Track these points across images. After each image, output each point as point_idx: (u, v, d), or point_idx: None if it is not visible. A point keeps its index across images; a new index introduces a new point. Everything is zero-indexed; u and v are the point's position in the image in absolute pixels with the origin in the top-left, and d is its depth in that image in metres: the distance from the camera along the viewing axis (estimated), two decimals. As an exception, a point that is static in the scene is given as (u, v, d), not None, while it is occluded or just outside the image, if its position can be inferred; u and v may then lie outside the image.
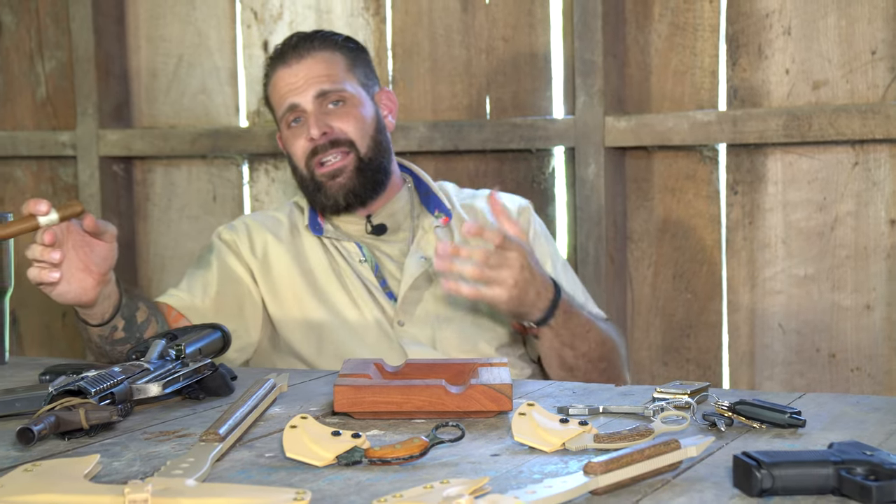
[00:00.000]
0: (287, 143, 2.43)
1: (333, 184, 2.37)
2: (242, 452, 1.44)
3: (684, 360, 2.84)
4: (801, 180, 2.70)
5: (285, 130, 2.43)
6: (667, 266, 2.85)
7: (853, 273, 2.66)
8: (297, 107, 2.38)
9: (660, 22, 2.81)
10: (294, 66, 2.40)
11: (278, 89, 2.42)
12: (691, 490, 1.24)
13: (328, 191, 2.37)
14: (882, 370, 2.64)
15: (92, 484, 1.25)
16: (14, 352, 3.28)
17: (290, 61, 2.41)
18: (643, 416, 1.61)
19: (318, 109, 2.37)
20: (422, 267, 2.37)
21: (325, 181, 2.37)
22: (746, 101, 2.73)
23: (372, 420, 1.61)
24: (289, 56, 2.41)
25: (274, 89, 2.43)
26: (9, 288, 2.19)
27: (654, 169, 2.84)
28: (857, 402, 1.67)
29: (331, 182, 2.37)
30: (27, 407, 1.64)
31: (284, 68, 2.41)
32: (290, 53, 2.41)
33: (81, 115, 3.36)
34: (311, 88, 2.38)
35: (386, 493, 1.22)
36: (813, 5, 2.66)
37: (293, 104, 2.38)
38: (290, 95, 2.39)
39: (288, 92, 2.39)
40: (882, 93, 2.61)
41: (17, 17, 3.54)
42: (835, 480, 1.20)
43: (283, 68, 2.41)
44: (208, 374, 1.77)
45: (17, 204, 3.56)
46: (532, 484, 1.22)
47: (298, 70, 2.39)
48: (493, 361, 1.78)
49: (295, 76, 2.39)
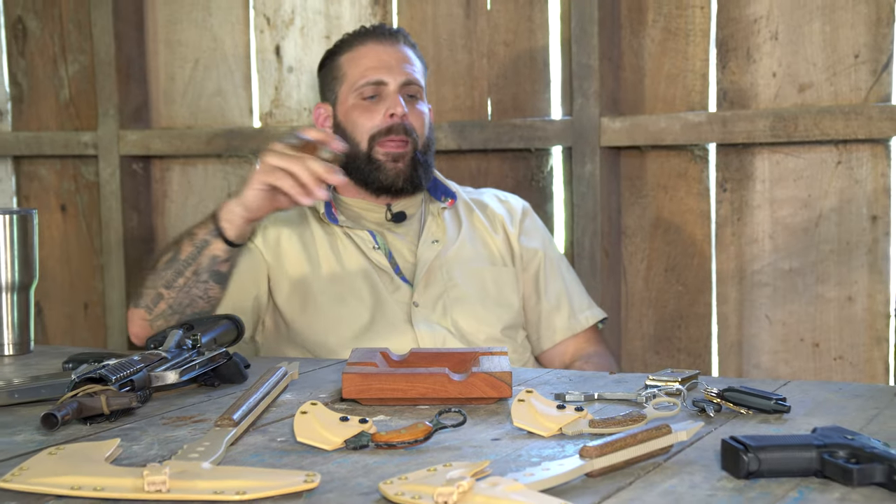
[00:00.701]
0: (353, 115, 2.39)
1: (394, 166, 2.37)
2: (255, 437, 1.45)
3: (675, 349, 2.84)
4: (787, 178, 2.69)
5: (354, 101, 2.40)
6: (659, 260, 2.84)
7: (836, 267, 2.66)
8: (383, 83, 2.37)
9: (653, 27, 2.80)
10: (388, 46, 2.40)
11: (366, 60, 2.39)
12: (682, 472, 1.24)
13: (388, 171, 2.37)
14: (863, 359, 2.64)
15: (112, 466, 1.25)
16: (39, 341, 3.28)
17: (384, 41, 2.40)
18: (636, 402, 1.61)
19: (401, 93, 2.38)
20: (434, 251, 2.37)
21: (384, 160, 2.36)
22: (735, 102, 2.73)
23: (378, 406, 1.61)
24: (384, 36, 2.41)
25: (361, 58, 2.40)
26: (34, 280, 2.19)
27: (647, 167, 2.84)
28: (839, 389, 1.67)
29: (391, 164, 2.36)
30: (51, 393, 1.64)
31: (377, 44, 2.40)
32: (386, 34, 2.42)
33: (103, 116, 3.36)
34: (402, 73, 2.38)
35: (392, 475, 1.22)
36: (799, 12, 2.66)
37: (381, 80, 2.37)
38: (381, 71, 2.37)
39: (379, 66, 2.38)
40: (864, 95, 2.60)
41: (42, 23, 3.54)
42: (818, 463, 1.20)
43: (376, 44, 2.40)
44: (223, 362, 1.77)
45: (42, 200, 3.57)
46: (530, 467, 1.22)
47: (392, 52, 2.39)
48: (493, 350, 1.78)
49: (389, 55, 2.39)
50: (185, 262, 2.09)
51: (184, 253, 2.09)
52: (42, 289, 3.53)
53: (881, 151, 2.60)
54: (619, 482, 1.21)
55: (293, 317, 2.34)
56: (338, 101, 2.42)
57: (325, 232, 2.40)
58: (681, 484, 1.20)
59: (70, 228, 3.56)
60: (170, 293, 2.11)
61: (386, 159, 2.36)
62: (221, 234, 2.06)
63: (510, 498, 1.10)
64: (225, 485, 1.16)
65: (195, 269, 2.08)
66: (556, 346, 2.45)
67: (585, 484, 1.20)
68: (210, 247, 2.06)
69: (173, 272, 2.10)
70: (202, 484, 1.17)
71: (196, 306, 2.12)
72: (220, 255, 2.07)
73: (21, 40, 3.58)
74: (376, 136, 2.36)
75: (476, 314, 2.34)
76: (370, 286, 2.33)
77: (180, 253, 2.09)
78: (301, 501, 1.15)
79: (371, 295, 2.32)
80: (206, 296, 2.11)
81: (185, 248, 2.09)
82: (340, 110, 2.42)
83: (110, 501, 1.16)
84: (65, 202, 3.56)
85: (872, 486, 1.17)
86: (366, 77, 2.37)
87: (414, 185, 2.39)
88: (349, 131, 2.39)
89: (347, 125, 2.39)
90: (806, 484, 1.19)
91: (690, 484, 1.20)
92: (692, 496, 1.16)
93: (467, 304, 2.34)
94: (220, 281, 2.11)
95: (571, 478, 1.19)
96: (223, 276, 2.11)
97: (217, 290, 2.12)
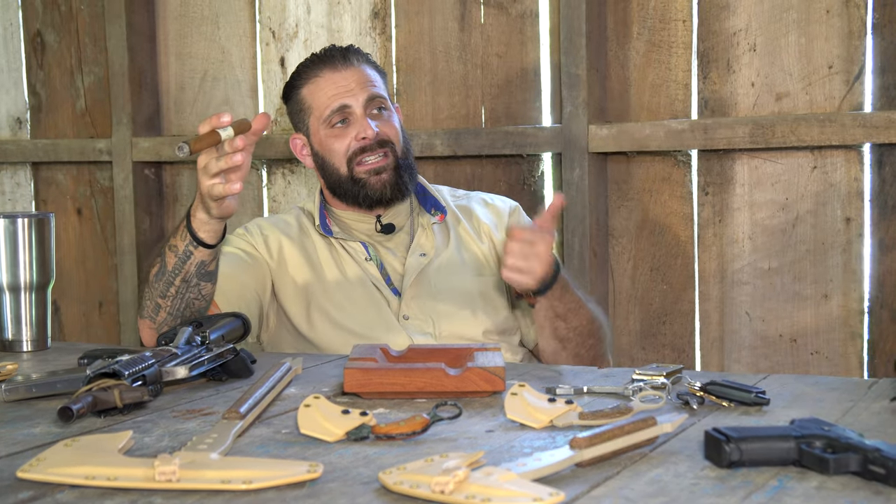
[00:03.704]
0: (327, 144, 2.36)
1: (378, 179, 2.33)
2: (261, 429, 1.44)
3: (660, 344, 2.84)
4: (766, 182, 2.69)
5: (325, 130, 2.35)
6: (645, 260, 2.84)
7: (812, 266, 2.65)
8: (347, 108, 2.32)
9: (638, 40, 2.80)
10: (343, 71, 2.34)
11: (325, 90, 2.34)
12: (667, 462, 1.24)
13: (373, 186, 2.33)
14: (838, 353, 2.64)
15: (125, 457, 1.24)
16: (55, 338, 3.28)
17: (338, 66, 2.35)
18: (623, 395, 1.60)
19: (367, 112, 2.34)
20: (421, 264, 2.35)
21: (367, 178, 2.33)
22: (716, 111, 2.73)
23: (378, 399, 1.61)
24: (337, 61, 2.35)
25: (319, 90, 2.35)
26: (51, 280, 2.18)
27: (633, 172, 2.83)
28: (815, 383, 1.67)
29: (374, 178, 2.32)
30: (67, 388, 1.64)
31: (333, 72, 2.35)
32: (339, 59, 2.36)
33: (117, 124, 3.35)
34: (363, 93, 2.33)
35: (391, 465, 1.22)
36: (776, 25, 2.65)
37: (344, 105, 2.32)
38: (342, 97, 2.33)
39: (339, 94, 2.33)
40: (838, 103, 2.60)
41: (59, 36, 3.53)
42: (796, 453, 1.20)
43: (332, 72, 2.35)
44: (230, 358, 1.77)
45: (59, 204, 3.56)
46: (523, 457, 1.22)
47: (348, 75, 2.34)
48: (487, 346, 1.77)
49: (345, 80, 2.33)
50: (173, 273, 2.06)
51: (170, 265, 2.06)
52: (59, 288, 3.53)
53: (854, 157, 2.60)
54: (608, 471, 1.20)
55: (298, 320, 2.33)
56: (310, 133, 2.39)
57: (324, 242, 2.39)
58: (666, 473, 1.19)
59: (85, 231, 3.55)
60: (166, 302, 2.09)
61: (368, 176, 2.33)
62: (202, 242, 2.05)
63: (504, 487, 1.10)
64: (232, 474, 1.16)
65: (184, 278, 2.06)
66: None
67: (575, 473, 1.20)
68: (194, 256, 2.04)
69: (164, 283, 2.08)
70: (211, 473, 1.16)
71: (194, 307, 2.11)
72: (206, 260, 2.05)
73: (40, 53, 3.57)
74: (353, 158, 2.33)
75: (463, 324, 2.32)
76: (368, 295, 2.32)
77: (166, 265, 2.07)
78: (305, 490, 1.15)
79: (370, 304, 2.31)
80: (201, 295, 2.10)
81: (169, 259, 2.06)
82: (315, 140, 2.39)
83: (123, 491, 1.15)
84: (80, 206, 3.55)
85: (848, 474, 1.16)
86: (329, 106, 2.33)
87: (402, 192, 2.37)
88: (327, 159, 2.37)
89: (324, 153, 2.37)
90: (785, 473, 1.18)
91: (675, 473, 1.19)
92: (677, 485, 1.15)
93: (454, 316, 2.32)
94: (210, 279, 2.09)
95: (562, 467, 1.19)
96: (212, 273, 2.09)
97: (209, 287, 2.10)
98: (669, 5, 2.76)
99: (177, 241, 2.05)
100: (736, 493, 1.12)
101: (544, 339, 2.24)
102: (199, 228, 2.02)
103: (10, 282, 2.13)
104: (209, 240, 2.04)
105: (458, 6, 3.00)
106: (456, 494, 1.09)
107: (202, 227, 2.02)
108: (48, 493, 1.16)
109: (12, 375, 1.76)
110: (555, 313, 2.18)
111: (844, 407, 1.50)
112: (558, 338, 2.21)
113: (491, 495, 1.08)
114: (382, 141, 2.33)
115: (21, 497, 1.15)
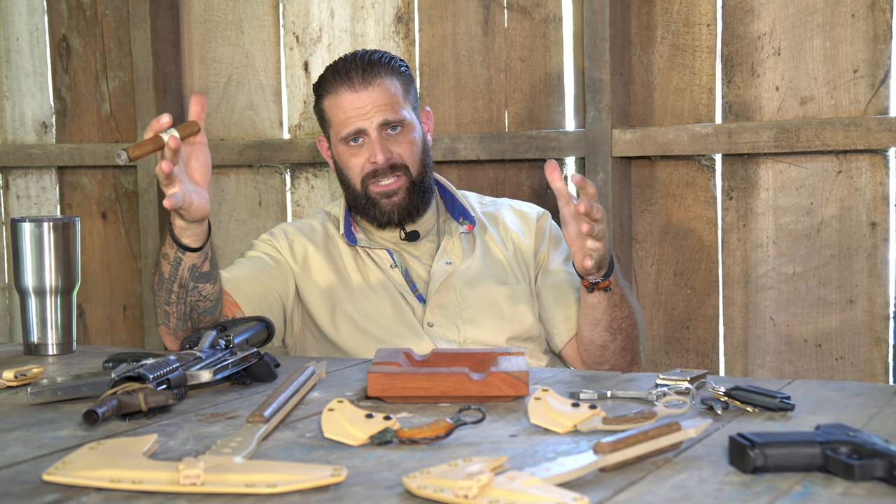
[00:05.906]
0: (343, 158, 2.37)
1: (388, 202, 2.33)
2: (285, 433, 1.44)
3: (684, 349, 2.83)
4: (790, 187, 2.68)
5: (342, 146, 2.36)
6: (668, 264, 2.83)
7: (837, 271, 2.64)
8: (362, 131, 2.32)
9: (662, 44, 2.80)
10: (361, 91, 2.32)
11: (343, 110, 2.34)
12: (691, 468, 1.23)
13: (383, 208, 2.34)
14: (864, 359, 2.62)
15: (150, 461, 1.25)
16: (80, 341, 3.29)
17: (356, 86, 2.32)
18: (647, 400, 1.60)
19: (381, 135, 2.32)
20: (447, 271, 2.35)
21: (379, 199, 2.33)
22: (740, 115, 2.72)
23: (402, 404, 1.61)
24: (355, 79, 2.32)
25: (337, 108, 2.35)
26: (76, 284, 2.19)
27: (656, 176, 2.83)
28: (841, 388, 1.66)
29: (385, 200, 2.33)
30: (92, 391, 1.64)
31: (350, 93, 2.33)
32: (357, 78, 2.33)
33: (141, 129, 3.36)
34: (377, 117, 2.31)
35: (415, 469, 1.22)
36: (800, 28, 2.64)
37: (359, 128, 2.32)
38: (357, 121, 2.32)
39: (354, 117, 2.32)
40: (863, 108, 2.59)
41: (85, 41, 3.55)
42: (821, 459, 1.19)
43: (349, 92, 2.33)
44: (254, 361, 1.77)
45: (84, 208, 3.58)
46: (546, 462, 1.22)
47: (365, 97, 2.32)
48: (511, 351, 1.77)
49: (362, 102, 2.32)
50: (170, 280, 2.09)
51: (166, 273, 2.09)
52: (84, 292, 3.55)
53: (879, 161, 2.59)
54: (632, 476, 1.20)
55: (323, 324, 2.34)
56: (331, 142, 2.41)
57: (350, 248, 2.40)
58: (690, 478, 1.19)
59: (110, 235, 3.57)
60: (171, 308, 2.12)
61: (380, 197, 2.33)
62: (186, 247, 2.06)
63: (527, 491, 1.10)
64: (256, 478, 1.16)
65: (180, 283, 2.08)
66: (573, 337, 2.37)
67: (599, 478, 1.19)
68: (184, 262, 2.07)
69: (165, 291, 2.10)
70: (235, 477, 1.17)
71: (199, 308, 2.13)
72: (196, 263, 2.07)
73: (65, 58, 3.59)
74: (367, 178, 2.34)
75: (487, 332, 2.31)
76: (392, 302, 2.33)
77: (163, 274, 2.10)
78: (329, 494, 1.15)
79: (394, 311, 2.32)
80: (202, 296, 2.11)
81: (164, 268, 2.09)
82: (335, 151, 2.40)
83: (148, 494, 1.16)
84: (105, 210, 3.57)
85: (874, 480, 1.16)
86: (346, 127, 2.33)
87: (412, 215, 2.36)
88: (345, 172, 2.38)
89: (342, 165, 2.39)
90: (810, 479, 1.18)
91: (699, 478, 1.19)
92: (701, 490, 1.15)
93: (479, 324, 2.32)
94: (208, 279, 2.10)
95: (586, 472, 1.19)
96: (209, 273, 2.11)
97: (209, 287, 2.11)
98: (693, 9, 2.75)
99: (167, 249, 2.09)
100: (760, 498, 1.12)
101: (598, 332, 2.22)
102: (181, 234, 2.05)
103: (36, 286, 2.14)
104: (193, 243, 2.06)
105: (481, 10, 3.00)
106: (479, 499, 1.09)
107: (183, 232, 2.05)
108: (73, 496, 1.16)
109: (38, 379, 1.77)
110: (611, 303, 2.17)
111: (870, 412, 1.50)
112: (612, 329, 2.20)
113: (515, 500, 1.08)
114: (395, 164, 2.33)
115: (47, 500, 1.15)
